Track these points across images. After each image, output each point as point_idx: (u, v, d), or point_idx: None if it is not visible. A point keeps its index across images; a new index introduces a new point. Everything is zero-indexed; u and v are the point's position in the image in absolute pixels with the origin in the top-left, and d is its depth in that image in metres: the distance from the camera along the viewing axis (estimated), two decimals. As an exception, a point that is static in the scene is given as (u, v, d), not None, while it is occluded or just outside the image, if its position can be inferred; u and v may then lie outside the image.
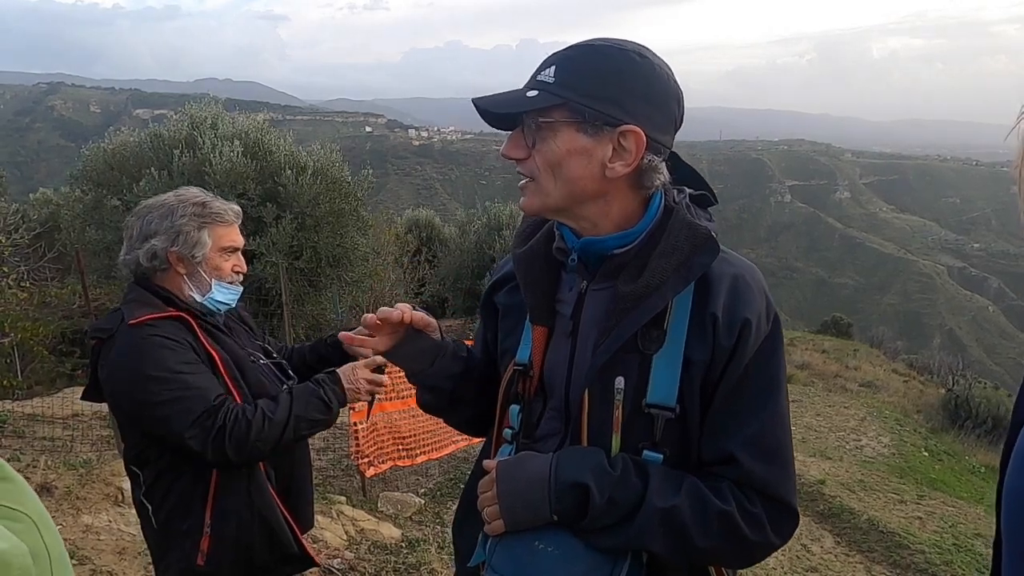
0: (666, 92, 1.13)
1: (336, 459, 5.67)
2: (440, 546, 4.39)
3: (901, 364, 20.40)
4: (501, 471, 1.16)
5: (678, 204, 1.18)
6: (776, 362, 1.15)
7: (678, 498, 1.09)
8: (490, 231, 15.10)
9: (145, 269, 1.81)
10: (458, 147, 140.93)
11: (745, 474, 1.12)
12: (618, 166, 1.11)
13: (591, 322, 1.18)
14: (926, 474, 8.23)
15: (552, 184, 1.13)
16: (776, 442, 1.14)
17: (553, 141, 1.11)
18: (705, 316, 1.12)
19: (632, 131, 1.09)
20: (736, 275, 1.15)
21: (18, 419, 5.50)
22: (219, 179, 8.62)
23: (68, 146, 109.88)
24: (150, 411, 1.68)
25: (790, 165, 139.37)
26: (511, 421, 1.27)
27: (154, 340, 1.69)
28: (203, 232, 1.81)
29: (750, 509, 1.11)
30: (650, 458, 1.13)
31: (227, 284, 1.86)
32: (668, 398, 1.12)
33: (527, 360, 1.25)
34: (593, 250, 1.19)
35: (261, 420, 1.72)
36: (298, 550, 1.90)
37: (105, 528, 3.77)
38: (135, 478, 1.83)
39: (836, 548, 5.34)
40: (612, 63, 1.10)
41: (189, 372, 1.71)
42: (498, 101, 1.13)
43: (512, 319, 1.32)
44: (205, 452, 1.66)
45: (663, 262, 1.12)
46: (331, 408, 1.85)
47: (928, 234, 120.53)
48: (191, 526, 1.77)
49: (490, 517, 1.15)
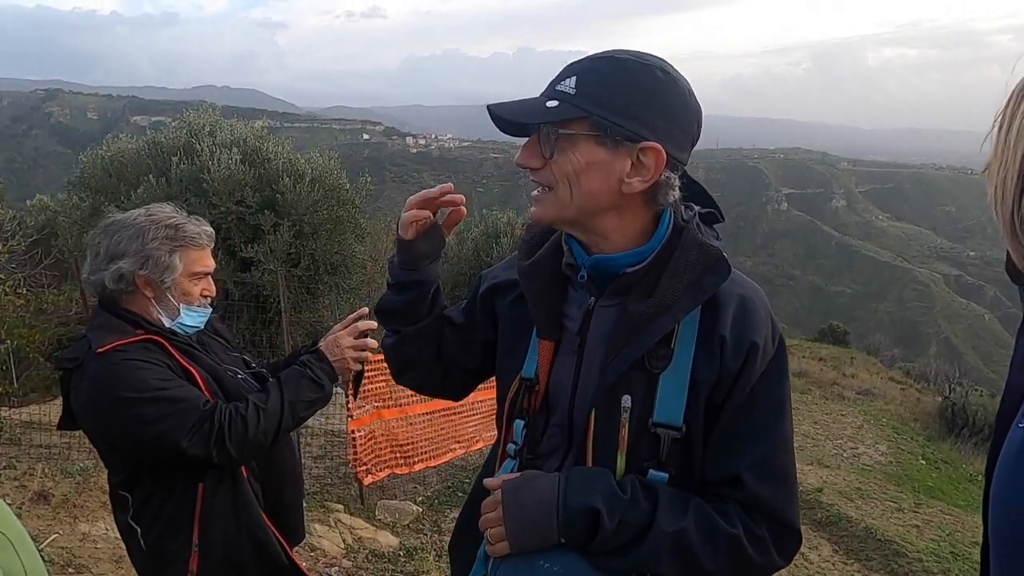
0: (687, 110, 1.13)
1: (334, 467, 5.66)
2: (438, 555, 4.38)
3: (898, 372, 20.45)
4: (507, 492, 1.13)
5: (689, 223, 1.17)
6: (782, 384, 1.16)
7: (686, 521, 1.09)
8: (488, 239, 15.08)
9: (111, 291, 1.74)
10: (456, 154, 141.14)
11: (751, 496, 1.12)
12: (636, 182, 1.10)
13: (598, 339, 1.17)
14: (923, 482, 8.24)
15: (568, 196, 1.12)
16: (781, 465, 1.14)
17: (572, 153, 1.10)
18: (713, 337, 1.12)
19: (653, 148, 1.08)
20: (744, 296, 1.15)
21: (14, 426, 5.47)
22: (217, 186, 8.62)
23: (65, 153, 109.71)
24: (142, 432, 1.63)
25: (786, 173, 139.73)
26: (515, 436, 1.25)
27: (128, 364, 1.65)
28: (174, 256, 1.74)
29: (756, 532, 1.11)
30: (656, 477, 1.13)
31: (196, 308, 1.80)
32: (675, 417, 1.11)
33: (533, 375, 1.23)
34: (604, 268, 1.17)
35: (256, 414, 1.71)
36: (288, 563, 1.88)
37: (102, 536, 3.75)
38: (122, 501, 1.77)
39: (834, 556, 5.33)
40: (635, 78, 1.09)
41: (171, 387, 1.68)
42: (515, 110, 1.12)
43: (515, 335, 1.30)
44: (209, 456, 1.65)
45: (675, 282, 1.11)
46: (323, 386, 1.84)
47: (924, 242, 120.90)
48: (180, 546, 1.74)
49: (494, 539, 1.13)
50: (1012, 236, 0.79)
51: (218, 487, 1.76)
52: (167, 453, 1.65)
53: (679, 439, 1.12)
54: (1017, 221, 0.78)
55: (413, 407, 5.27)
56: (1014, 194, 0.78)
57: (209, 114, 10.07)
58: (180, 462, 1.68)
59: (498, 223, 15.51)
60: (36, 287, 9.36)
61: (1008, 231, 0.80)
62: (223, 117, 10.34)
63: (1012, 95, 0.80)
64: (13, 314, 7.33)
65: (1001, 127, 0.80)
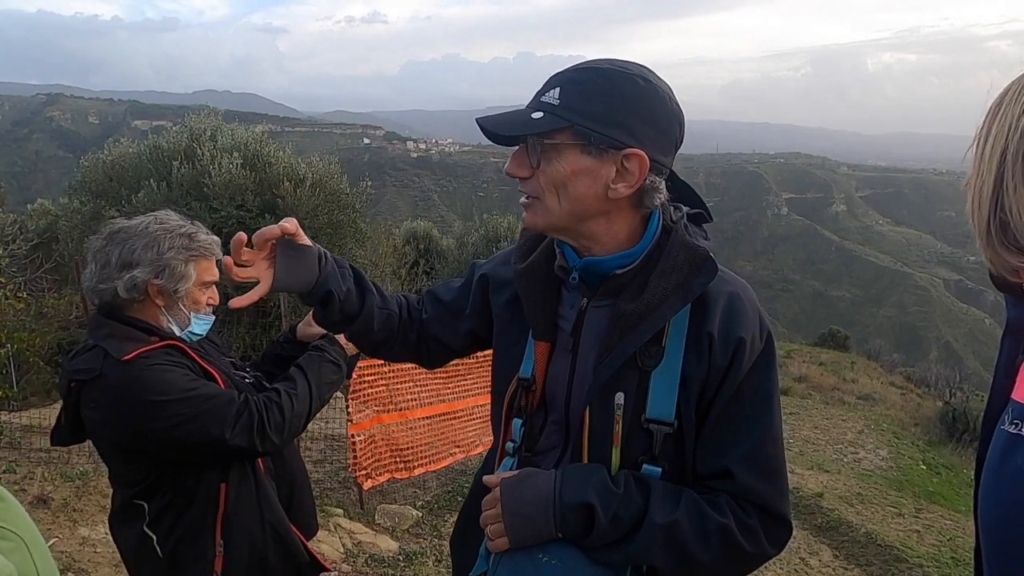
0: (669, 115, 1.16)
1: (333, 471, 5.65)
2: (437, 559, 4.37)
3: (898, 377, 20.42)
4: (505, 489, 1.17)
5: (676, 224, 1.20)
6: (770, 378, 1.19)
7: (678, 513, 1.13)
8: (488, 243, 15.10)
9: (122, 300, 1.71)
10: (456, 159, 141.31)
11: (742, 488, 1.15)
12: (621, 187, 1.14)
13: (591, 338, 1.21)
14: (924, 487, 8.22)
15: (556, 203, 1.15)
16: (770, 456, 1.18)
17: (558, 162, 1.13)
18: (702, 335, 1.15)
19: (636, 154, 1.11)
20: (731, 293, 1.19)
21: (14, 430, 5.47)
22: (218, 190, 8.63)
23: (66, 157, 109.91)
24: (180, 431, 1.62)
25: (786, 178, 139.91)
26: (514, 434, 1.29)
27: (154, 368, 1.64)
28: (189, 266, 1.74)
29: (747, 521, 1.15)
30: (649, 472, 1.16)
31: (202, 316, 1.81)
32: (667, 413, 1.15)
33: (530, 375, 1.26)
34: (595, 270, 1.21)
35: (289, 399, 1.76)
36: (309, 558, 1.91)
37: (102, 540, 3.75)
38: (135, 511, 1.74)
39: (834, 562, 5.32)
40: (617, 87, 1.12)
41: (201, 386, 1.69)
42: (502, 122, 1.15)
43: (511, 335, 1.33)
44: (253, 446, 1.67)
45: (663, 282, 1.15)
46: (341, 367, 1.95)
47: (924, 247, 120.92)
48: (202, 550, 1.73)
49: (494, 535, 1.17)
50: (988, 244, 0.84)
51: (240, 486, 1.77)
52: (209, 448, 1.65)
53: (671, 434, 1.16)
54: (993, 230, 0.83)
55: (413, 411, 5.27)
56: (990, 204, 0.82)
57: (210, 118, 10.09)
58: (217, 457, 1.69)
59: (498, 227, 15.54)
60: (37, 291, 9.36)
61: (984, 240, 0.84)
62: (224, 121, 10.35)
63: (989, 110, 0.85)
64: (13, 318, 7.34)
65: (978, 141, 0.85)
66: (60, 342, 8.15)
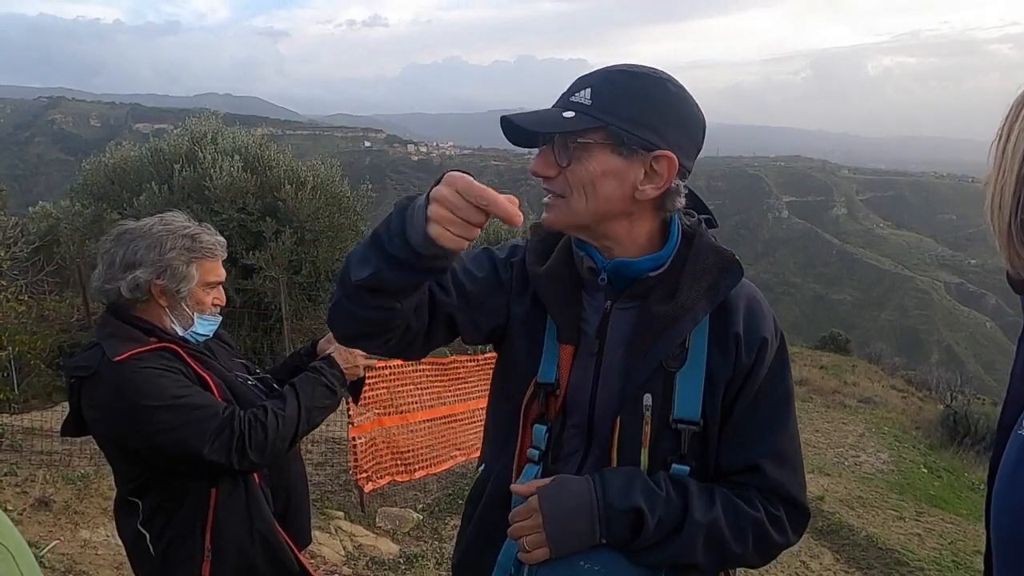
0: (696, 120, 1.18)
1: (334, 474, 5.65)
2: (438, 562, 4.37)
3: (899, 380, 20.38)
4: (544, 499, 1.14)
5: (700, 228, 1.23)
6: (787, 376, 1.24)
7: (716, 511, 1.15)
8: (488, 245, 15.10)
9: (126, 300, 1.73)
10: (457, 162, 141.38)
11: (770, 482, 1.19)
12: (648, 189, 1.15)
13: (617, 341, 1.21)
14: (925, 490, 8.21)
15: (583, 203, 1.15)
16: (792, 450, 1.23)
17: (588, 162, 1.13)
18: (728, 335, 1.18)
19: (666, 156, 1.13)
20: (750, 296, 1.23)
21: (15, 433, 5.47)
22: (219, 193, 8.65)
23: (68, 160, 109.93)
24: (163, 439, 1.63)
25: (787, 181, 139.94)
26: (536, 441, 1.24)
27: (145, 372, 1.64)
28: (191, 267, 1.75)
29: (775, 513, 1.19)
30: (678, 471, 1.18)
31: (207, 317, 1.81)
32: (693, 413, 1.17)
33: (554, 379, 1.23)
34: (624, 272, 1.21)
35: (275, 419, 1.73)
36: (299, 569, 1.89)
37: (103, 542, 3.75)
38: (131, 508, 1.76)
39: (835, 565, 5.31)
40: (649, 90, 1.14)
41: (190, 394, 1.68)
42: (532, 120, 1.14)
43: (527, 339, 1.28)
44: (230, 463, 1.65)
45: (695, 284, 1.18)
46: (335, 392, 1.90)
47: (925, 250, 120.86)
48: (191, 552, 1.73)
49: (531, 545, 1.14)
50: (1009, 245, 0.82)
51: (231, 493, 1.76)
52: (189, 459, 1.65)
53: (697, 433, 1.18)
54: (1014, 231, 0.81)
55: (414, 414, 5.27)
56: (1011, 204, 0.80)
57: (211, 121, 10.11)
58: (201, 468, 1.68)
59: (500, 230, 15.55)
60: (38, 293, 9.38)
61: (1004, 241, 0.82)
62: (225, 124, 10.38)
63: (1011, 108, 0.83)
64: (15, 320, 7.36)
65: (1000, 138, 0.83)
66: (61, 345, 8.16)
